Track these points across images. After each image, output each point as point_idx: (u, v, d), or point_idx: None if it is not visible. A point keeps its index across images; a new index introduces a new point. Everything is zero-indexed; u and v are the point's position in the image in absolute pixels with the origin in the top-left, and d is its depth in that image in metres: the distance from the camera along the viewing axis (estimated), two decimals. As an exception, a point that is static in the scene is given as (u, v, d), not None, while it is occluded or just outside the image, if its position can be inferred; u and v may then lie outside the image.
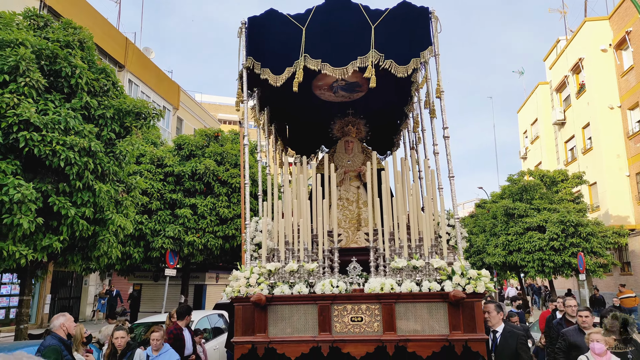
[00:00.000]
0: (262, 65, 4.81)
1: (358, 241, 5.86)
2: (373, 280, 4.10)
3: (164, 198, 13.04)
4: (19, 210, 6.14)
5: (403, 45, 4.72)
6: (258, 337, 3.96)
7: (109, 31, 18.94)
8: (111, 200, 7.69)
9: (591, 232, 16.65)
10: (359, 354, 3.90)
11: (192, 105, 27.96)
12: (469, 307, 3.95)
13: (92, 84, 7.57)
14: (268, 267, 4.24)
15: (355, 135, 6.63)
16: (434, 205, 4.71)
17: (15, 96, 6.40)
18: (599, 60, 22.21)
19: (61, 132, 6.67)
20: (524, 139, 32.85)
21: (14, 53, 6.55)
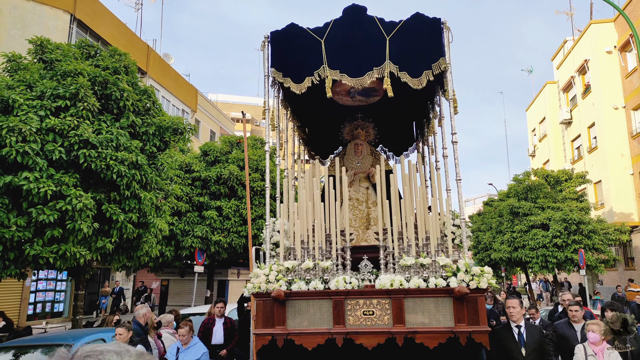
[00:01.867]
0: (283, 75, 5.02)
1: (367, 239, 6.03)
2: (383, 277, 4.27)
3: (192, 201, 13.87)
4: (79, 217, 7.00)
5: (417, 56, 4.85)
6: (277, 330, 4.16)
7: (132, 39, 19.45)
8: (153, 206, 8.54)
9: (593, 229, 16.74)
10: (370, 345, 4.08)
11: (208, 107, 28.37)
12: (473, 302, 4.10)
13: (136, 104, 8.47)
14: (286, 265, 4.44)
15: (364, 138, 6.79)
16: (440, 206, 4.87)
17: (75, 119, 7.28)
18: (604, 61, 22.02)
19: (113, 148, 7.53)
20: (533, 137, 32.63)
21: (74, 82, 7.43)
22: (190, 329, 5.36)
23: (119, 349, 0.88)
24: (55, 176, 7.01)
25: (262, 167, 14.70)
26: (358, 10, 5.04)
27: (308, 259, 4.50)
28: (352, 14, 5.03)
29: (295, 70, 4.99)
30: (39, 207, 6.82)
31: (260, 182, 14.13)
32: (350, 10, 5.05)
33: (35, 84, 7.58)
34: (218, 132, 29.12)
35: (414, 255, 4.46)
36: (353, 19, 5.00)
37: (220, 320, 6.73)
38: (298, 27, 5.07)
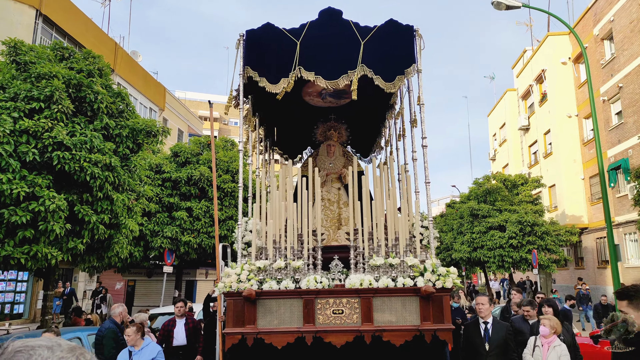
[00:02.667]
0: (259, 74, 4.98)
1: (339, 239, 6.09)
2: (353, 277, 4.33)
3: (162, 202, 13.77)
4: (52, 218, 7.00)
5: (390, 61, 4.94)
6: (247, 329, 4.15)
7: (99, 36, 18.83)
8: (124, 207, 8.57)
9: (546, 231, 17.72)
10: (339, 343, 4.13)
11: (176, 105, 27.73)
12: (438, 301, 4.23)
13: (110, 107, 8.48)
14: (257, 265, 4.42)
15: (336, 139, 6.85)
16: (410, 207, 4.98)
17: (50, 121, 7.24)
18: (559, 72, 23.12)
19: (87, 150, 7.54)
20: (493, 142, 33.84)
21: (49, 84, 7.41)
22: (137, 329, 5.09)
23: (51, 344, 0.88)
24: (29, 177, 7.00)
25: (233, 169, 14.66)
26: (334, 13, 5.08)
27: (280, 259, 4.51)
28: (328, 17, 5.06)
29: (271, 70, 4.97)
30: (11, 208, 6.79)
31: (230, 183, 14.17)
32: (326, 13, 5.08)
33: (8, 85, 7.56)
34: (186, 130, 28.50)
35: (383, 255, 4.54)
36: (329, 22, 5.03)
37: (182, 320, 6.46)
38: (274, 27, 5.05)
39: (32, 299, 15.14)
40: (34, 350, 0.85)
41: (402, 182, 5.63)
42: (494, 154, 33.43)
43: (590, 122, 21.22)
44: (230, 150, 15.82)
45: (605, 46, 20.02)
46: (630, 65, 17.92)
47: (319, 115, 6.89)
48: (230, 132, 45.27)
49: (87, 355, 0.90)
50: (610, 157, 19.26)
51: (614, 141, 19.20)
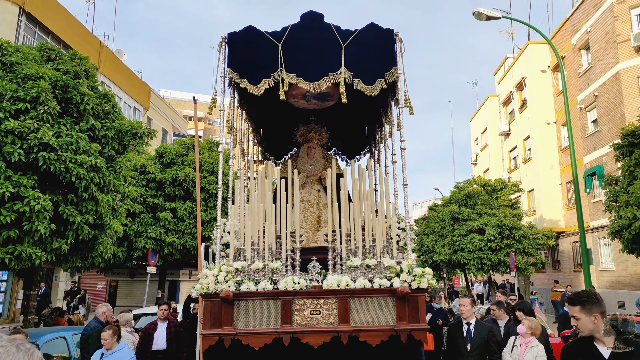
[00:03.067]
0: (240, 76, 4.99)
1: (317, 241, 6.11)
2: (331, 278, 4.36)
3: (147, 202, 13.73)
4: (36, 218, 6.99)
5: (370, 64, 5.00)
6: (225, 330, 4.13)
7: (83, 34, 18.54)
8: (109, 208, 8.60)
9: (523, 234, 18.12)
10: (316, 344, 4.15)
11: (161, 104, 27.44)
12: (414, 301, 4.28)
13: (96, 108, 8.49)
14: (235, 266, 4.41)
15: (317, 141, 6.88)
16: (387, 209, 5.04)
17: (36, 121, 7.27)
18: (539, 79, 23.65)
19: (73, 151, 7.56)
20: (475, 146, 34.37)
21: (36, 85, 7.41)
22: (114, 332, 5.03)
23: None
24: (14, 178, 7.02)
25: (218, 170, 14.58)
26: (315, 17, 5.12)
27: (258, 260, 4.51)
28: (310, 20, 5.10)
29: (252, 72, 4.98)
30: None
31: (215, 185, 14.23)
32: (308, 17, 5.12)
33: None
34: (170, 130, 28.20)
35: (360, 256, 4.58)
36: (310, 25, 5.07)
37: (164, 324, 6.28)
38: (256, 29, 5.08)
39: (12, 299, 14.78)
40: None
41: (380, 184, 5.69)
42: (475, 158, 33.96)
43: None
44: (216, 152, 15.82)
45: (583, 56, 20.57)
46: (605, 75, 18.45)
47: (302, 118, 6.91)
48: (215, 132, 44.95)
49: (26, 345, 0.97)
50: (586, 163, 19.75)
51: (589, 148, 19.70)
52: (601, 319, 2.50)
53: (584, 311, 2.51)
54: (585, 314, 2.51)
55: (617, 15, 17.67)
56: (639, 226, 9.38)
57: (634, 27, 17.31)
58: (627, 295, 16.95)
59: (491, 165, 30.22)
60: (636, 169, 10.22)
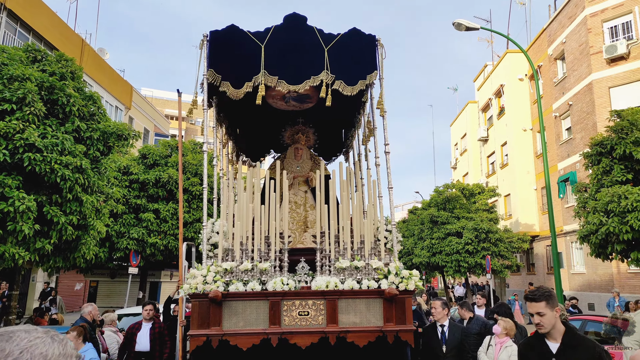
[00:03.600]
0: (222, 79, 4.94)
1: (304, 242, 6.11)
2: (319, 279, 4.37)
3: (129, 203, 13.59)
4: (21, 218, 7.02)
5: (352, 68, 5.03)
6: (213, 330, 4.09)
7: (66, 33, 18.13)
8: (93, 209, 8.58)
9: (499, 238, 18.58)
10: (304, 344, 4.15)
11: (143, 104, 26.95)
12: (401, 303, 4.34)
13: (82, 109, 8.48)
14: (224, 266, 4.38)
15: (304, 143, 6.86)
16: (374, 211, 5.08)
17: (21, 122, 7.31)
18: (516, 87, 24.26)
19: (58, 152, 7.58)
20: (455, 151, 34.95)
21: (22, 86, 7.47)
22: (79, 334, 4.88)
23: (28, 328, 1.00)
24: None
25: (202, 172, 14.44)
26: (299, 19, 5.11)
27: (246, 261, 4.48)
28: (293, 22, 5.09)
29: (234, 74, 4.93)
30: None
31: (199, 186, 14.16)
32: (291, 18, 5.11)
33: None
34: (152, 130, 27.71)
35: (349, 258, 4.61)
36: (293, 27, 5.06)
37: (148, 324, 6.13)
38: (238, 29, 5.03)
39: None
40: (14, 333, 0.97)
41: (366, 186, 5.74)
42: (455, 162, 34.55)
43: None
44: (199, 153, 15.78)
45: (558, 66, 21.20)
46: (579, 85, 19.06)
47: (284, 119, 6.89)
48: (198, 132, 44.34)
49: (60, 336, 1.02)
50: (560, 169, 20.34)
51: (563, 155, 20.30)
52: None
53: (549, 306, 2.57)
54: (550, 309, 2.57)
55: (590, 27, 18.29)
56: (605, 231, 9.74)
57: (606, 39, 17.95)
58: (596, 297, 17.51)
59: (470, 170, 30.80)
60: (603, 177, 10.61)
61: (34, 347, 0.95)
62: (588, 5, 18.47)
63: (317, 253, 4.69)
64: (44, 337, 0.98)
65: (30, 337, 0.97)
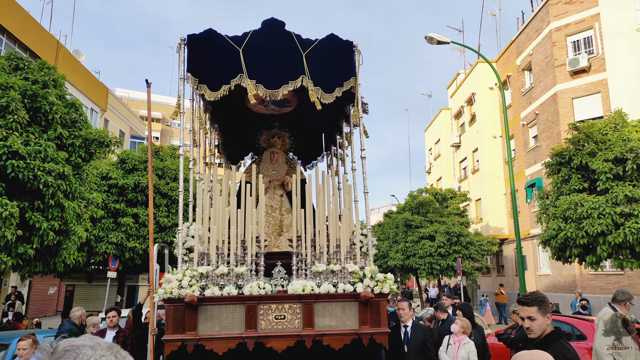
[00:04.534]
0: (200, 82, 4.88)
1: (280, 246, 6.07)
2: (296, 282, 4.35)
3: (108, 207, 13.48)
4: (3, 224, 7.05)
5: (329, 73, 5.05)
6: (188, 335, 4.01)
7: (40, 34, 17.61)
8: (74, 215, 8.64)
9: (470, 241, 19.01)
10: (280, 348, 4.12)
11: (118, 106, 26.29)
12: (376, 305, 4.36)
13: (64, 117, 8.53)
14: (200, 270, 4.30)
15: (280, 147, 6.83)
16: (350, 216, 5.10)
17: (4, 130, 7.36)
18: (487, 96, 24.90)
19: (41, 159, 7.65)
20: (429, 156, 35.53)
21: (5, 95, 7.52)
22: (33, 342, 4.63)
23: (92, 343, 0.98)
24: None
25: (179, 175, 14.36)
26: (277, 24, 5.10)
27: (222, 265, 4.42)
28: (271, 27, 5.07)
29: (212, 77, 4.89)
30: None
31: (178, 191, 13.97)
32: (269, 23, 5.09)
33: None
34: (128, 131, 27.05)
35: (325, 262, 4.60)
36: (271, 32, 5.04)
37: (112, 333, 5.75)
38: (216, 33, 4.98)
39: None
40: (79, 349, 0.95)
41: (342, 191, 5.76)
42: (429, 167, 35.13)
43: (512, 142, 23.05)
44: (178, 159, 15.66)
45: (526, 76, 21.88)
46: (545, 95, 19.74)
47: (263, 122, 6.86)
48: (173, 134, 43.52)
49: (122, 353, 1.01)
50: (528, 175, 20.96)
51: (530, 161, 20.93)
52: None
53: (540, 312, 2.52)
54: (541, 314, 2.53)
55: (555, 41, 18.99)
56: (563, 236, 10.24)
57: (570, 53, 18.68)
58: (561, 298, 18.09)
59: (443, 174, 31.38)
60: (562, 186, 11.14)
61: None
62: (553, 20, 19.18)
63: (293, 257, 4.67)
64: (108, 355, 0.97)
65: (96, 355, 0.95)
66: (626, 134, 10.41)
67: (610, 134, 10.73)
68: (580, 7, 18.49)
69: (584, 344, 7.06)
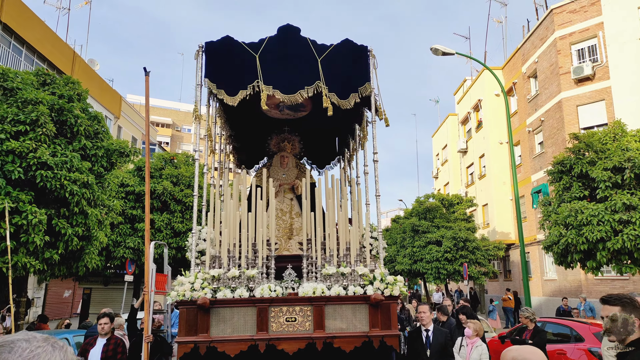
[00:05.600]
0: (217, 87, 4.88)
1: (290, 249, 6.03)
2: (306, 285, 4.30)
3: (125, 214, 13.86)
4: (32, 230, 7.45)
5: (345, 78, 5.01)
6: (200, 337, 3.97)
7: (57, 45, 18.02)
8: (97, 221, 9.02)
9: (476, 246, 18.81)
10: (291, 350, 4.06)
11: (131, 113, 26.56)
12: (386, 308, 4.29)
13: (88, 129, 8.94)
14: (212, 273, 4.27)
15: (290, 151, 6.80)
16: (360, 219, 5.04)
17: (34, 142, 7.79)
18: (493, 102, 24.73)
19: (67, 169, 8.05)
20: (437, 161, 35.29)
21: (35, 109, 7.95)
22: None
23: (27, 337, 0.98)
24: (13, 194, 7.48)
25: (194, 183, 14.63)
26: (292, 30, 5.11)
27: (234, 268, 4.38)
28: (287, 33, 5.07)
29: (229, 83, 4.89)
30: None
31: (192, 197, 14.83)
32: (284, 30, 5.10)
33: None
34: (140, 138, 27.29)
35: (335, 264, 4.55)
36: (287, 38, 5.04)
37: (103, 340, 5.09)
38: (233, 40, 5.00)
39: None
40: (14, 343, 0.95)
41: (353, 194, 5.71)
42: (436, 172, 34.89)
43: (518, 149, 22.83)
44: (192, 166, 16.23)
45: (531, 83, 21.71)
46: (550, 102, 19.54)
47: (274, 127, 6.84)
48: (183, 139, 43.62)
49: (60, 342, 1.00)
50: (534, 181, 20.72)
51: (536, 167, 20.69)
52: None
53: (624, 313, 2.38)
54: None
55: (559, 49, 18.85)
56: (564, 242, 10.35)
57: (574, 61, 18.51)
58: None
59: (451, 180, 31.13)
60: (564, 193, 11.27)
61: (36, 357, 0.94)
62: (557, 28, 19.04)
63: (303, 260, 4.62)
64: (45, 346, 0.96)
65: (32, 347, 0.95)
66: (625, 144, 10.53)
67: (610, 143, 10.87)
68: (585, 16, 18.35)
69: (581, 345, 7.10)
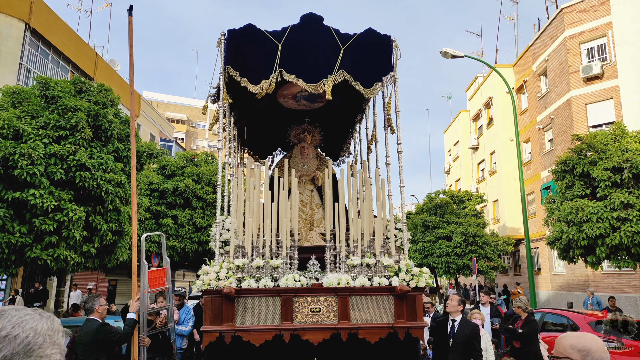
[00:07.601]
0: (240, 74, 4.69)
1: (311, 240, 5.83)
2: (331, 276, 4.10)
3: (150, 210, 14.21)
4: (73, 226, 7.98)
5: (368, 68, 4.76)
6: (225, 327, 3.81)
7: (81, 47, 18.30)
8: (128, 217, 9.41)
9: (486, 241, 18.56)
10: (316, 341, 3.88)
11: (149, 111, 26.67)
12: (412, 299, 4.07)
13: (120, 133, 9.41)
14: (236, 263, 4.11)
15: (310, 142, 6.55)
16: (384, 210, 4.82)
17: (73, 146, 8.32)
18: (504, 100, 24.21)
19: (102, 170, 8.55)
20: (448, 157, 34.77)
21: (74, 116, 8.48)
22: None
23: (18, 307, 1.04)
24: (55, 193, 7.93)
25: (214, 181, 15.27)
26: (315, 19, 4.88)
27: (258, 258, 4.21)
28: (309, 22, 4.84)
29: (252, 71, 4.68)
30: (41, 218, 7.71)
31: (212, 195, 14.87)
32: (307, 18, 4.87)
33: (37, 114, 8.59)
34: (158, 135, 27.38)
35: (359, 255, 4.35)
36: (310, 27, 4.81)
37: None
38: (256, 28, 4.78)
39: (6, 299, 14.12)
40: (5, 311, 1.01)
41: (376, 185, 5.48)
42: (448, 168, 34.38)
43: (529, 145, 22.33)
44: (212, 164, 16.53)
45: (542, 81, 21.18)
46: (559, 100, 19.03)
47: (291, 118, 6.62)
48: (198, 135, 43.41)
49: (47, 313, 1.05)
50: (544, 178, 20.23)
51: (546, 164, 20.20)
52: None
53: None
54: None
55: (569, 48, 18.33)
56: (566, 238, 10.51)
57: (583, 60, 17.99)
58: (575, 297, 17.40)
59: (462, 176, 30.64)
60: (567, 191, 11.37)
61: (24, 323, 0.99)
62: (567, 27, 18.53)
63: (326, 251, 4.43)
64: (33, 314, 1.03)
65: (21, 314, 1.01)
66: (625, 145, 10.52)
67: (611, 144, 10.88)
68: (594, 16, 17.81)
69: None
